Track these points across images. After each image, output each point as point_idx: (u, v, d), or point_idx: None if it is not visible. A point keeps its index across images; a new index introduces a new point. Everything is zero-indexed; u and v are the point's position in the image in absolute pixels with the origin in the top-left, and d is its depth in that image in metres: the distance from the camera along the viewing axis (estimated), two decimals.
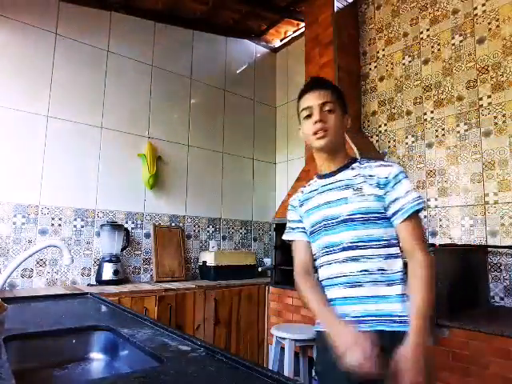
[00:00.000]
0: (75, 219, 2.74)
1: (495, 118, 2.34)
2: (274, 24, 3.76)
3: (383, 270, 1.06)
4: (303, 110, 1.18)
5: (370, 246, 1.07)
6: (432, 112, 2.68)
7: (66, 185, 2.73)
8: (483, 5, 2.45)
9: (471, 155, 2.44)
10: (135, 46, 3.16)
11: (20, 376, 0.89)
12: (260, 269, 3.22)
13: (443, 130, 2.60)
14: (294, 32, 3.90)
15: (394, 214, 1.08)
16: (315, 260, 1.22)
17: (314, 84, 1.20)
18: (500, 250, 2.23)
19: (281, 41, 4.09)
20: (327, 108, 1.14)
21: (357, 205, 1.09)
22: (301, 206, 1.25)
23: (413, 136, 2.78)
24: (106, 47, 3.01)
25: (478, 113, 2.42)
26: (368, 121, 3.12)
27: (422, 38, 2.80)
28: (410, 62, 2.86)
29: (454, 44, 2.60)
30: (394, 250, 1.09)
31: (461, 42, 2.56)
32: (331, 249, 1.13)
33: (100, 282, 2.67)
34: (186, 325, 2.62)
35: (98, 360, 1.15)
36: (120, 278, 2.72)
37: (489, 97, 2.38)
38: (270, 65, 4.17)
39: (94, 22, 2.95)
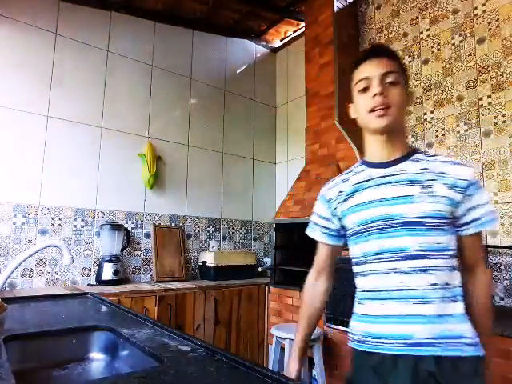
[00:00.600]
0: (75, 219, 2.74)
1: (495, 118, 2.34)
2: (273, 24, 3.76)
3: (448, 284, 0.91)
4: (359, 81, 0.97)
5: (439, 255, 0.91)
6: (432, 112, 2.68)
7: (66, 185, 2.73)
8: (483, 5, 2.45)
9: (471, 155, 2.43)
10: (135, 46, 3.16)
11: (20, 376, 0.89)
12: (260, 269, 3.21)
13: (443, 129, 2.60)
14: (294, 32, 3.90)
15: (468, 222, 0.93)
16: (354, 265, 1.03)
17: (373, 51, 0.99)
18: (500, 249, 2.23)
19: (281, 41, 4.09)
20: (390, 79, 0.93)
21: (426, 206, 0.90)
22: (345, 200, 1.02)
23: (413, 136, 2.78)
24: (106, 47, 3.00)
25: (478, 113, 2.42)
26: None
27: (422, 38, 2.80)
28: (409, 62, 2.85)
29: (454, 44, 2.59)
30: (455, 262, 0.94)
31: (461, 42, 2.56)
32: (388, 256, 0.93)
33: (100, 282, 2.67)
34: (185, 325, 2.62)
35: (97, 360, 1.15)
36: (120, 278, 2.72)
37: (489, 97, 2.38)
38: (270, 65, 4.17)
39: (94, 21, 2.95)
